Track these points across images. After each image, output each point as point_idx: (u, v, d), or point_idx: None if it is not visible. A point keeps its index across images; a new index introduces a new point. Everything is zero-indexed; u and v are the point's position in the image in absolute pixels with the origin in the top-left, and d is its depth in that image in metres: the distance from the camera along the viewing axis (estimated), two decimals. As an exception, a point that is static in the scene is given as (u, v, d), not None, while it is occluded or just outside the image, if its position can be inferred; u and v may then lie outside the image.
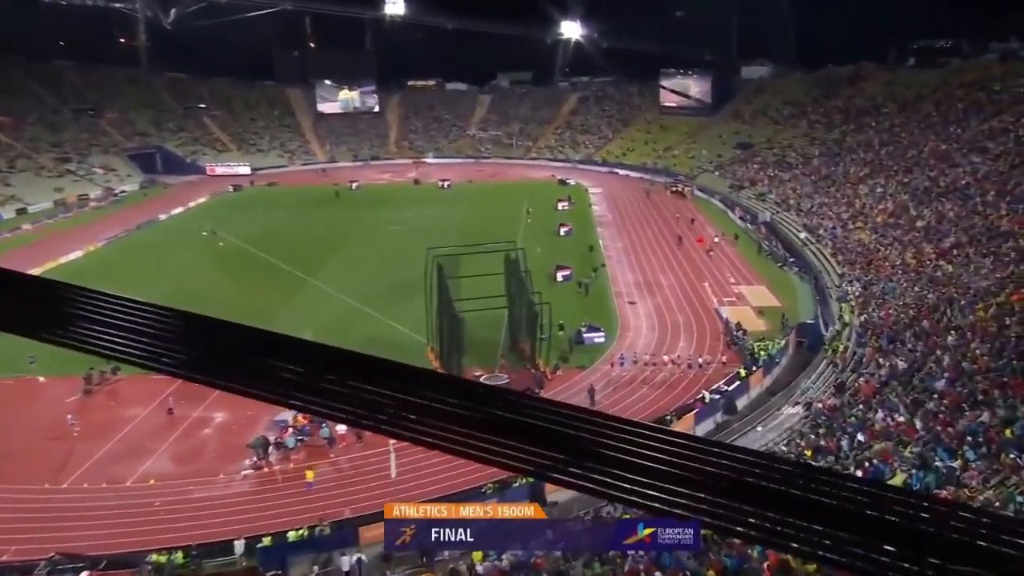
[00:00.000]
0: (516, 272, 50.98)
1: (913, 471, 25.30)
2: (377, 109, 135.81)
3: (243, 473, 28.77)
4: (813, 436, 34.40)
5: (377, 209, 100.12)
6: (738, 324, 53.00)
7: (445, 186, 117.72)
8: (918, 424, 30.62)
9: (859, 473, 27.38)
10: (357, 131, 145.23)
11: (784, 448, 33.97)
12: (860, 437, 31.38)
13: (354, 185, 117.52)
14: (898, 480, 25.61)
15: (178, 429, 32.44)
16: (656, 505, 1.92)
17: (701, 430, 41.32)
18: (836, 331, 51.09)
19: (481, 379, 45.79)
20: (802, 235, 78.72)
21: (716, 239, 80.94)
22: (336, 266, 72.89)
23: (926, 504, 1.90)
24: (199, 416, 33.82)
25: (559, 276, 66.89)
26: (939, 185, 70.08)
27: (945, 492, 21.97)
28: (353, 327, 55.47)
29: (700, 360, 47.95)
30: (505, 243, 55.66)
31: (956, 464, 24.70)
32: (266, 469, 29.99)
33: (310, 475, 28.63)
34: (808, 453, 32.44)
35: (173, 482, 27.94)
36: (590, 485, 1.98)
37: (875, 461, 28.22)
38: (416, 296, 56.85)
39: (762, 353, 47.72)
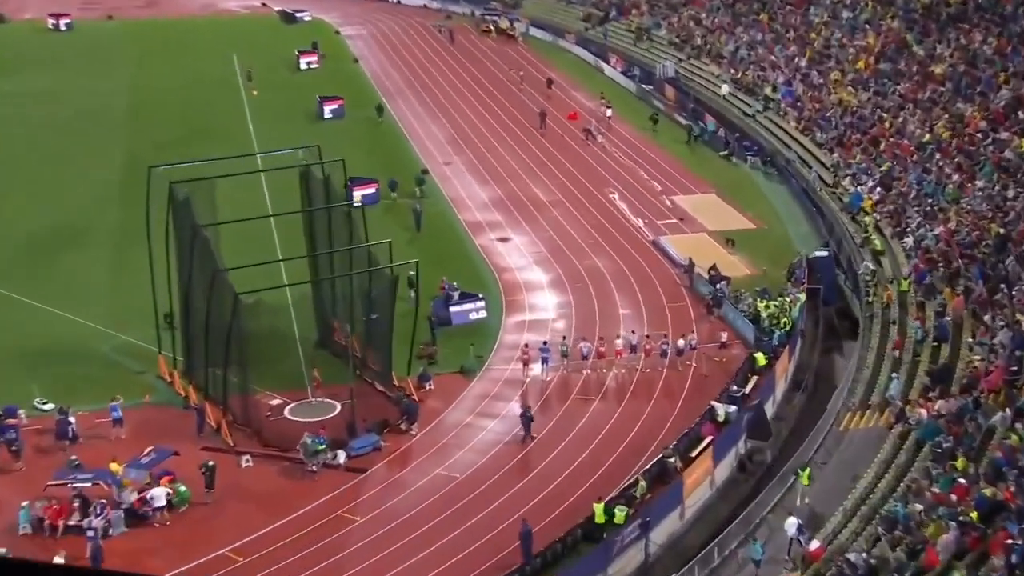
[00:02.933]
0: (330, 204, 45.48)
1: None
2: None
3: None
4: (961, 479, 32.46)
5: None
6: (713, 269, 51.72)
7: (62, 27, 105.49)
8: None
9: None
10: None
11: (920, 512, 31.64)
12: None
13: None
14: None
15: None
16: None
17: (721, 475, 39.22)
18: (870, 268, 50.74)
19: (286, 412, 41.80)
20: (723, 89, 79.62)
21: (608, 112, 79.60)
22: None
23: None
24: None
25: (356, 196, 61.04)
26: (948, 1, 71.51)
27: None
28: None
29: (681, 343, 45.61)
30: (294, 149, 49.02)
31: None
32: None
33: None
34: (973, 516, 30.49)
35: None
36: None
37: None
38: (84, 259, 52.26)
39: (782, 321, 46.49)
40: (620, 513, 33.91)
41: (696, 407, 41.63)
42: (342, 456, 38.69)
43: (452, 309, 49.03)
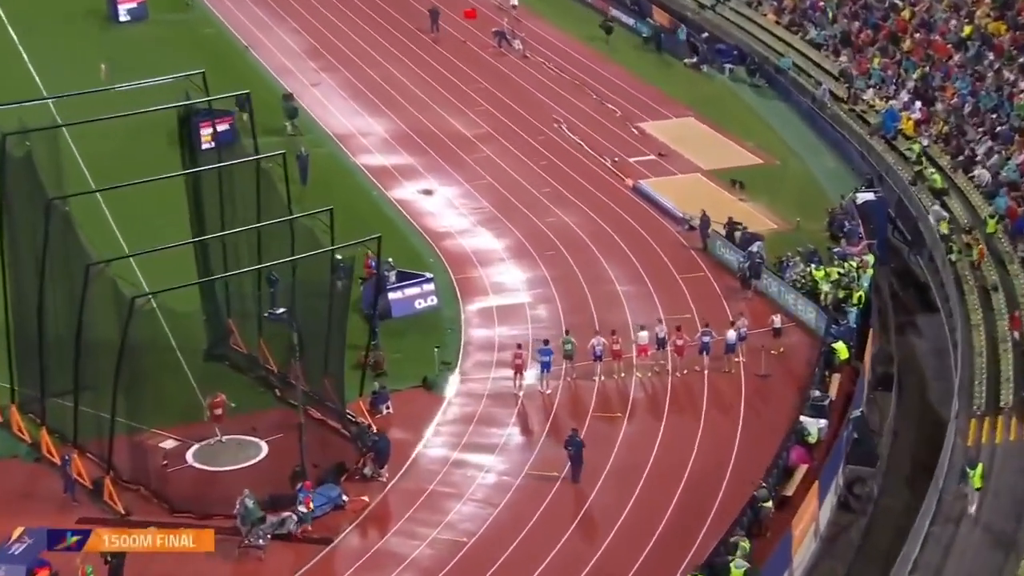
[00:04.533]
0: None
1: None
2: None
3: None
4: None
5: None
6: (730, 223, 50.59)
7: None
8: None
9: None
10: None
11: None
12: None
13: None
14: None
15: None
16: None
17: (823, 518, 37.48)
18: (943, 215, 49.95)
19: (189, 458, 39.54)
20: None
21: (514, 2, 78.48)
22: None
23: None
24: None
25: (204, 136, 56.85)
26: None
27: None
28: None
29: (732, 335, 43.46)
30: (173, 78, 45.20)
31: None
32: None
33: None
34: None
35: None
36: None
37: None
38: None
39: (855, 295, 44.95)
40: (739, 571, 31.50)
41: (765, 422, 40.20)
42: (293, 521, 35.41)
43: (391, 296, 46.54)
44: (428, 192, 56.43)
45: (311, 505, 35.40)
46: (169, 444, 39.86)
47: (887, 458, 40.85)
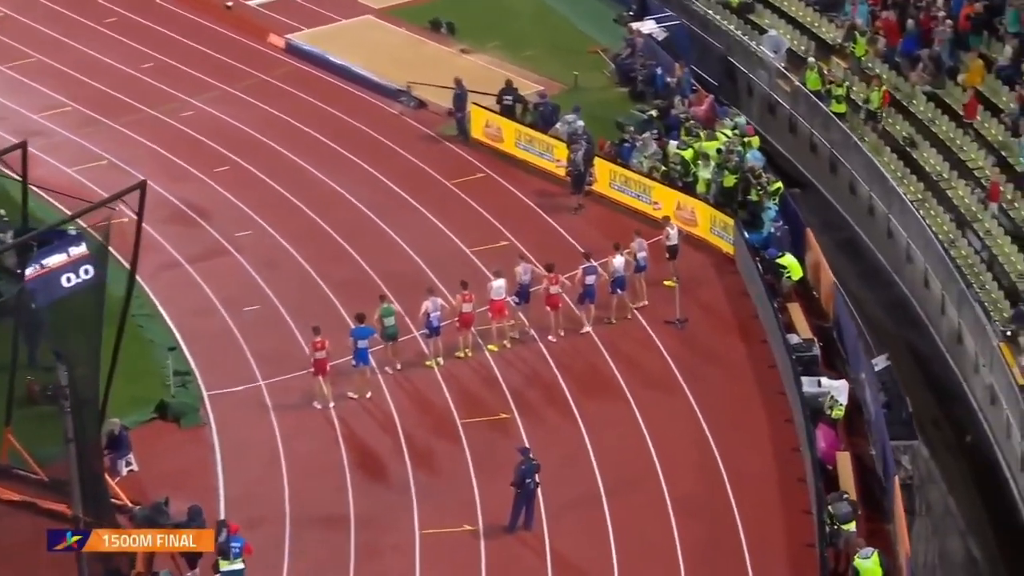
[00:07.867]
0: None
1: None
2: None
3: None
4: None
5: None
6: (509, 89, 49.94)
7: None
8: None
9: None
10: None
11: None
12: None
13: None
14: None
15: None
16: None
17: None
18: (781, 44, 51.34)
19: None
20: None
21: None
22: None
23: None
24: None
25: None
26: None
27: None
28: None
29: (618, 262, 42.16)
30: None
31: None
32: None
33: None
34: None
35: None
36: None
37: None
38: None
39: (773, 186, 44.44)
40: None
41: (722, 395, 39.90)
42: None
43: (27, 273, 40.56)
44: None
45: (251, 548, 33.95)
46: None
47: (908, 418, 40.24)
